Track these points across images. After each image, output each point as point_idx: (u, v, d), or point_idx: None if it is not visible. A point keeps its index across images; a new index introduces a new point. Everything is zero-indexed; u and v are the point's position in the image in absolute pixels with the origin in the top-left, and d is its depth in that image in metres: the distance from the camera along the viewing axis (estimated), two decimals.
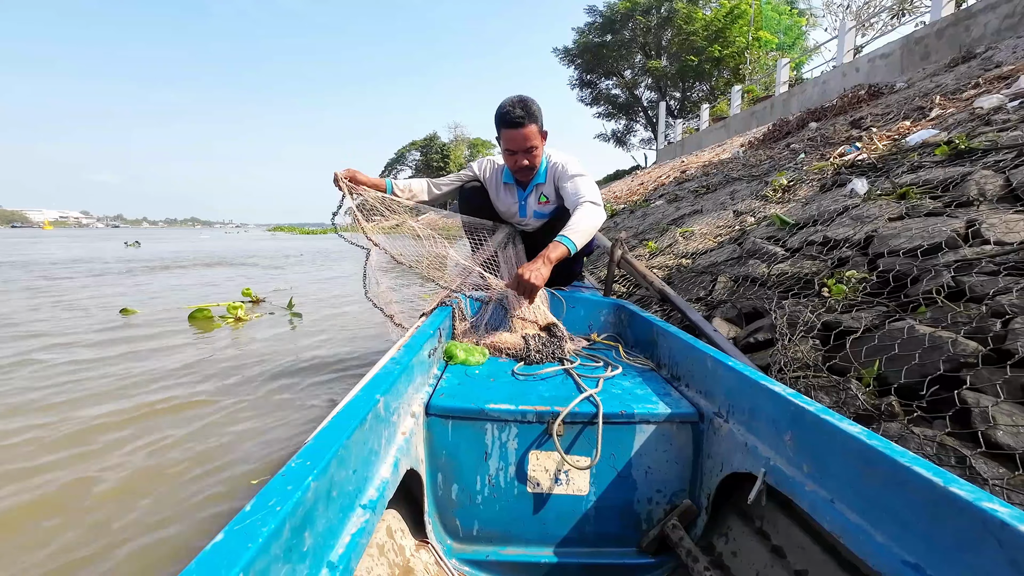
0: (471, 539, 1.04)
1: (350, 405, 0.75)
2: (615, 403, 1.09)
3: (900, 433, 1.05)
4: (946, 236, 1.70)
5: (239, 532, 0.45)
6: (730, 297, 2.13)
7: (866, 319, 1.48)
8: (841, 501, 0.70)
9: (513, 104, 1.77)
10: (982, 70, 5.13)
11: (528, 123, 1.77)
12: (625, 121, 30.53)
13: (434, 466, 1.04)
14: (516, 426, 1.04)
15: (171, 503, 1.59)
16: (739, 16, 21.04)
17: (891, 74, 8.52)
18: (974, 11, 7.09)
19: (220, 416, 2.23)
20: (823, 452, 0.74)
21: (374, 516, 0.72)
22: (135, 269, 8.72)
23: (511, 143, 1.82)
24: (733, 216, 3.77)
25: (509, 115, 1.76)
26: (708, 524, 1.00)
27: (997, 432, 0.96)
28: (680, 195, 6.63)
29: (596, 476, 1.05)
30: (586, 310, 1.89)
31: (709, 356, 1.09)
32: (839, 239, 2.10)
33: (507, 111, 1.76)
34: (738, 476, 0.93)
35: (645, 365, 1.43)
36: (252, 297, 4.97)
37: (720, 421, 1.01)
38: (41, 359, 3.02)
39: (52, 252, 13.24)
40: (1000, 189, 1.95)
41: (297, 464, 0.57)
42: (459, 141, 55.40)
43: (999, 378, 1.06)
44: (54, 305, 4.87)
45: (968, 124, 3.20)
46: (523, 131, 1.78)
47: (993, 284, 1.35)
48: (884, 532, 0.62)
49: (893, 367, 1.24)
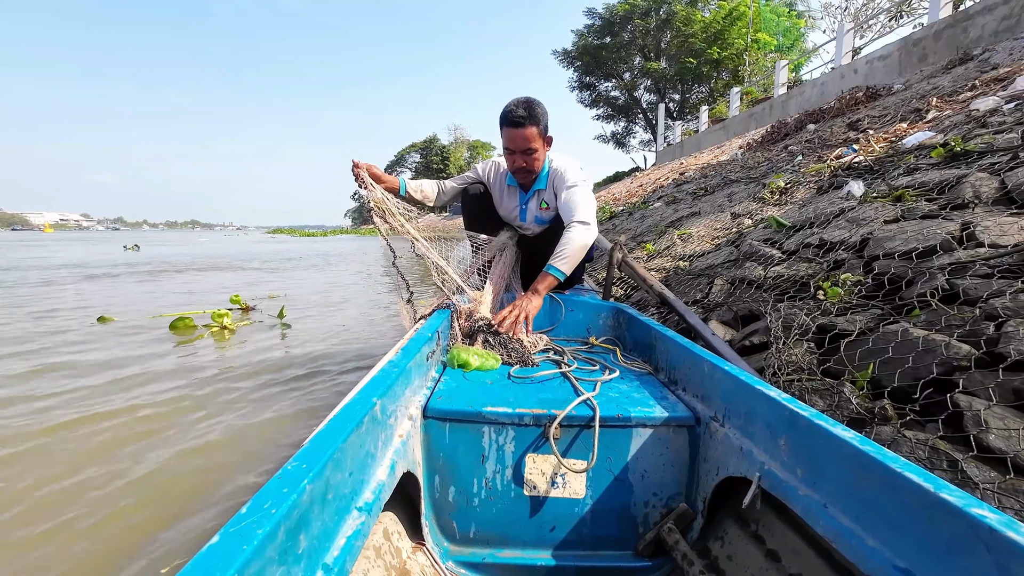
0: (468, 541, 1.05)
1: (347, 408, 0.76)
2: (612, 406, 1.09)
3: (893, 437, 1.06)
4: (941, 239, 1.71)
5: (234, 534, 0.46)
6: (726, 300, 2.14)
7: (861, 322, 1.49)
8: (834, 506, 0.71)
9: (517, 104, 1.79)
10: (979, 72, 5.15)
11: (528, 124, 1.78)
12: (624, 123, 30.59)
13: (431, 469, 1.04)
14: (513, 429, 1.05)
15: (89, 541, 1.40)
16: (738, 18, 21.11)
17: (889, 76, 8.54)
18: (972, 13, 7.11)
19: (172, 446, 1.95)
20: (817, 457, 0.74)
21: (370, 519, 0.73)
22: (129, 273, 8.45)
23: (510, 142, 1.84)
24: (731, 218, 3.78)
25: (512, 114, 1.78)
26: (704, 528, 1.01)
27: (989, 436, 0.97)
28: (678, 197, 6.64)
29: (593, 479, 1.06)
30: (585, 313, 1.90)
31: (706, 360, 1.10)
32: (835, 241, 2.11)
33: (510, 110, 1.79)
34: (734, 480, 0.94)
35: (643, 369, 1.44)
36: (241, 304, 4.64)
37: (716, 425, 1.02)
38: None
39: (49, 256, 12.80)
40: (995, 191, 1.96)
41: (293, 467, 0.58)
42: (459, 143, 55.47)
43: (991, 381, 1.07)
44: (29, 314, 4.52)
45: (964, 126, 3.21)
46: (523, 131, 1.79)
47: (987, 287, 1.36)
48: (876, 537, 0.63)
49: (887, 370, 1.25)
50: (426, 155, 56.25)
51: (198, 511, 1.55)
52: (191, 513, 1.54)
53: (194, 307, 4.68)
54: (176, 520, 1.50)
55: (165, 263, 10.69)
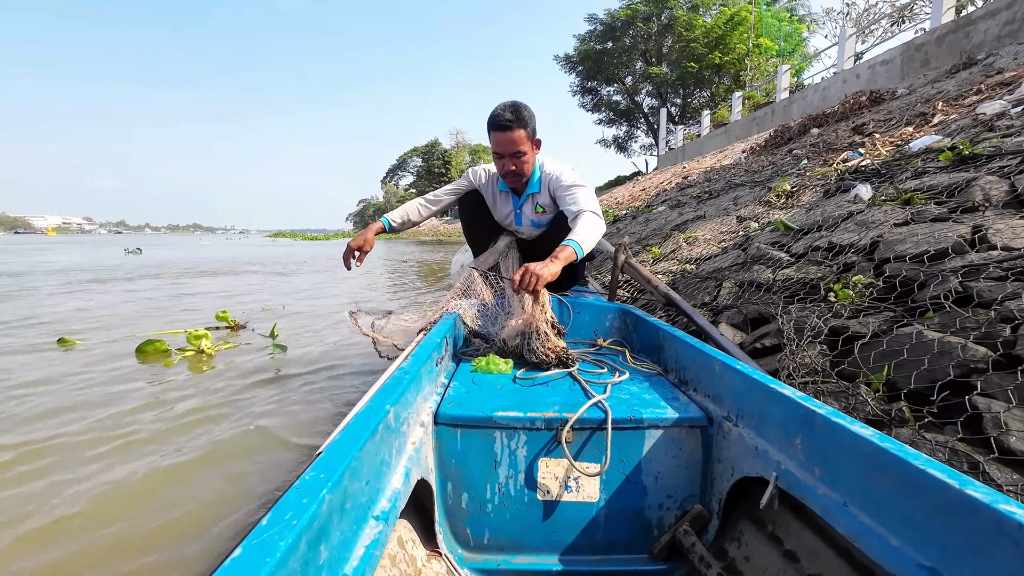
0: (482, 548, 1.04)
1: (361, 415, 0.75)
2: (623, 408, 1.08)
3: (911, 439, 1.05)
4: (952, 241, 1.70)
5: (257, 547, 0.45)
6: (735, 302, 2.13)
7: (873, 324, 1.48)
8: (854, 505, 0.69)
9: (504, 108, 1.79)
10: (983, 76, 5.15)
11: (516, 127, 1.78)
12: (626, 127, 30.66)
13: (444, 475, 1.03)
14: (525, 433, 1.04)
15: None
16: (739, 23, 21.17)
17: (892, 80, 8.55)
18: (974, 18, 7.12)
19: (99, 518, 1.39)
20: (834, 455, 0.73)
21: (387, 527, 0.72)
22: (121, 278, 7.69)
23: (498, 146, 1.84)
24: (736, 221, 3.77)
25: (498, 118, 1.78)
26: (720, 529, 1.00)
27: (1010, 438, 0.96)
28: (682, 200, 6.64)
29: (606, 482, 1.04)
30: (591, 315, 1.89)
31: (717, 360, 1.09)
32: (844, 244, 2.10)
33: (497, 114, 1.79)
34: (749, 480, 0.93)
35: (652, 370, 1.43)
36: (229, 322, 3.91)
37: (729, 425, 1.01)
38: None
39: (47, 262, 11.65)
40: (1005, 194, 1.96)
41: (311, 477, 0.57)
42: (461, 147, 55.62)
43: (1010, 384, 1.06)
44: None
45: (971, 130, 3.20)
46: (511, 135, 1.79)
47: (1001, 289, 1.35)
48: (899, 535, 0.62)
49: (902, 372, 1.23)
50: (428, 159, 56.42)
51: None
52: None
53: (181, 322, 4.05)
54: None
55: (163, 268, 10.02)
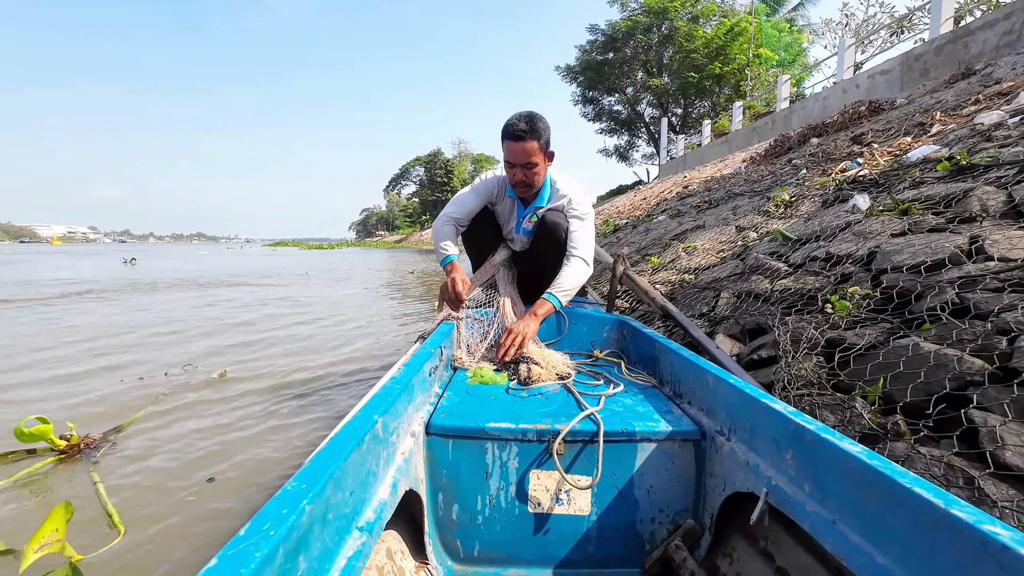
0: (472, 560, 1.03)
1: (348, 426, 0.74)
2: (616, 421, 1.08)
3: (907, 453, 1.04)
4: (949, 252, 1.69)
5: (232, 557, 0.45)
6: (733, 313, 2.12)
7: (870, 336, 1.47)
8: (843, 522, 0.69)
9: (519, 118, 1.80)
10: (982, 86, 5.16)
11: (529, 138, 1.79)
12: (627, 136, 30.79)
13: (434, 486, 1.03)
14: (516, 445, 1.03)
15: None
16: (739, 34, 21.31)
17: (891, 90, 8.58)
18: (972, 28, 7.16)
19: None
20: (823, 471, 0.73)
21: (371, 539, 0.71)
22: (99, 295, 6.82)
23: (510, 155, 1.84)
24: (735, 231, 3.77)
25: (513, 127, 1.79)
26: (712, 544, 0.99)
27: (1006, 452, 0.94)
28: (682, 210, 6.65)
29: (598, 495, 1.03)
30: (588, 326, 1.89)
31: (711, 373, 1.08)
32: (842, 255, 2.10)
33: (512, 123, 1.79)
34: (741, 495, 0.92)
35: (647, 382, 1.42)
36: (54, 441, 1.89)
37: (722, 439, 1.00)
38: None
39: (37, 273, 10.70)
40: (1002, 205, 1.95)
41: (292, 487, 0.57)
42: (463, 156, 55.95)
43: (1006, 397, 1.05)
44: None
45: (969, 140, 3.21)
46: (524, 145, 1.79)
47: (998, 301, 1.34)
48: (886, 554, 0.62)
49: (898, 385, 1.22)
50: (430, 168, 56.76)
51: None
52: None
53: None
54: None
55: (152, 281, 9.00)
